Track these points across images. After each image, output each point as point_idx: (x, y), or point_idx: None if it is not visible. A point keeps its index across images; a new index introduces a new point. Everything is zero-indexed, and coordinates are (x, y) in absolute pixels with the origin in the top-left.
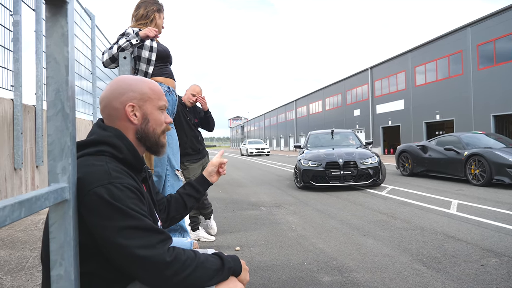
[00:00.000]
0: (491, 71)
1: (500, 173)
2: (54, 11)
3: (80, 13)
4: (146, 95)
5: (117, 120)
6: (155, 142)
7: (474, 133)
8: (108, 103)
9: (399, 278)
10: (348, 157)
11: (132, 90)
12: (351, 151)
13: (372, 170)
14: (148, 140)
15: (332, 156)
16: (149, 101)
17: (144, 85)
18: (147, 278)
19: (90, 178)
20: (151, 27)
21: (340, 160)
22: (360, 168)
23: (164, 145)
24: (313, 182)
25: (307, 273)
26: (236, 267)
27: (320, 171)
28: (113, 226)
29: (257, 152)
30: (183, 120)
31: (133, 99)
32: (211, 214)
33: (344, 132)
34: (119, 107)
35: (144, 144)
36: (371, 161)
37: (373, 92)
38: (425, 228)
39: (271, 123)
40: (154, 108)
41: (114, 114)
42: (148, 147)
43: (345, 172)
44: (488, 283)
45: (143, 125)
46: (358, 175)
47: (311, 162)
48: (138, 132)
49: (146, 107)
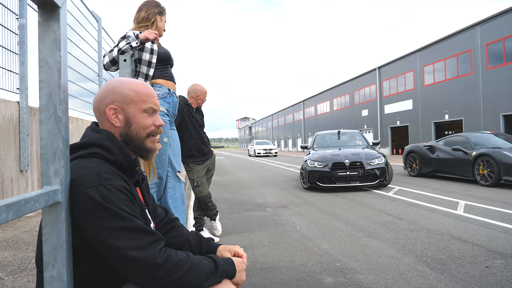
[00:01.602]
0: (500, 70)
1: (509, 173)
2: (46, 16)
3: (87, 15)
4: (129, 97)
5: (104, 123)
6: (138, 146)
7: (482, 133)
8: (95, 106)
9: (402, 279)
10: (355, 157)
11: (114, 93)
12: (358, 152)
13: (379, 170)
14: (131, 143)
15: (338, 156)
16: (132, 103)
17: (128, 88)
18: (139, 279)
19: (81, 180)
20: (151, 30)
21: (346, 161)
22: (367, 169)
23: (150, 150)
24: (319, 183)
25: (310, 274)
26: (230, 270)
27: (326, 172)
28: (104, 227)
29: (265, 153)
30: (189, 122)
31: (114, 101)
32: (216, 215)
33: (351, 132)
34: (103, 110)
35: (129, 147)
36: (377, 161)
37: (381, 92)
38: (430, 229)
39: (279, 123)
40: (138, 111)
41: (100, 117)
42: (133, 151)
43: (351, 173)
44: (493, 285)
45: (126, 128)
46: (364, 176)
47: (317, 162)
48: (122, 135)
49: (128, 109)
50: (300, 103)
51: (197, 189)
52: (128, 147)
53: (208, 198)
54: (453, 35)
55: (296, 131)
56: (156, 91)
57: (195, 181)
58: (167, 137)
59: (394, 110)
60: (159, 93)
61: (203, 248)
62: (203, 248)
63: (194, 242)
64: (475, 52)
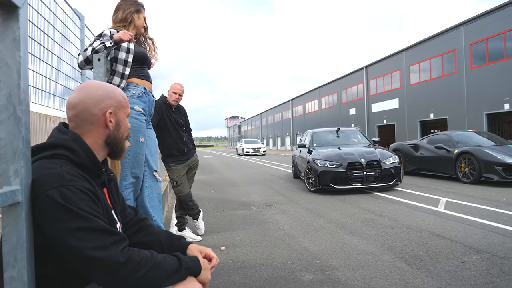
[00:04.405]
0: (483, 70)
1: (489, 171)
2: (5, 16)
3: (69, 13)
4: (120, 103)
5: (90, 125)
6: (121, 147)
7: (464, 131)
8: (86, 108)
9: (380, 275)
10: (370, 156)
11: (110, 98)
12: (371, 150)
13: (394, 169)
14: (117, 145)
15: (353, 155)
16: (122, 108)
17: (118, 93)
18: (101, 278)
19: (43, 180)
20: (126, 31)
21: (363, 160)
22: (383, 168)
23: (125, 149)
24: (333, 185)
25: (289, 272)
26: (195, 267)
27: (341, 173)
28: (65, 228)
29: (253, 152)
30: (168, 121)
31: (111, 106)
32: (199, 214)
33: (350, 130)
34: (98, 113)
35: (111, 148)
36: (392, 160)
37: (368, 91)
38: (411, 226)
39: (268, 122)
40: (124, 115)
41: (90, 119)
42: (115, 152)
43: (368, 173)
44: (467, 280)
45: (116, 131)
46: (381, 176)
47: (329, 162)
48: (110, 137)
49: (119, 114)
50: (288, 102)
51: (177, 189)
52: (111, 149)
53: (189, 198)
54: (438, 35)
55: (284, 130)
56: (132, 90)
57: (175, 181)
58: (143, 136)
59: (381, 109)
60: (135, 92)
61: (174, 246)
62: (173, 246)
63: (164, 240)
64: (459, 52)
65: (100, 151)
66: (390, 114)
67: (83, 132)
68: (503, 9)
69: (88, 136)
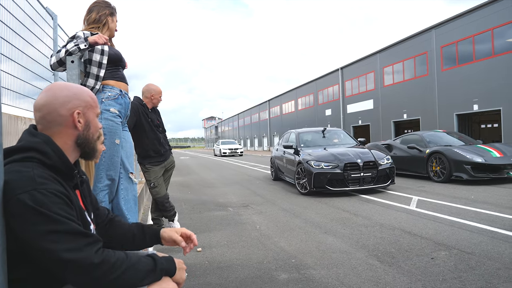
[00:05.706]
0: (454, 72)
1: (459, 169)
2: None
3: (41, 12)
4: (89, 103)
5: (59, 126)
6: (93, 148)
7: (436, 132)
8: (53, 110)
9: (353, 273)
10: (366, 156)
11: (77, 98)
12: (365, 151)
13: (389, 170)
14: (88, 146)
15: (349, 156)
16: (91, 108)
17: (86, 94)
18: (76, 280)
19: (15, 184)
20: (101, 34)
21: (359, 161)
22: (380, 169)
23: (98, 150)
24: (329, 187)
25: (265, 272)
26: (169, 267)
27: (337, 174)
28: (38, 231)
29: (230, 153)
30: (145, 122)
31: (78, 106)
32: (175, 216)
33: (335, 130)
34: (66, 114)
35: (83, 149)
36: (386, 160)
37: (344, 92)
38: (384, 225)
39: (245, 123)
40: (94, 115)
41: (58, 120)
42: (86, 152)
43: (365, 174)
44: (436, 275)
45: (85, 131)
46: (377, 177)
47: (324, 163)
48: (80, 138)
49: (88, 114)
50: (265, 103)
51: (154, 190)
52: (82, 149)
53: (166, 199)
54: (410, 37)
55: (262, 131)
56: (107, 92)
57: (152, 182)
58: (119, 138)
59: (356, 110)
60: (111, 94)
61: (146, 233)
62: (146, 233)
63: (136, 230)
64: (431, 54)
65: (71, 152)
66: (365, 115)
67: (52, 133)
68: (472, 13)
69: (57, 137)
